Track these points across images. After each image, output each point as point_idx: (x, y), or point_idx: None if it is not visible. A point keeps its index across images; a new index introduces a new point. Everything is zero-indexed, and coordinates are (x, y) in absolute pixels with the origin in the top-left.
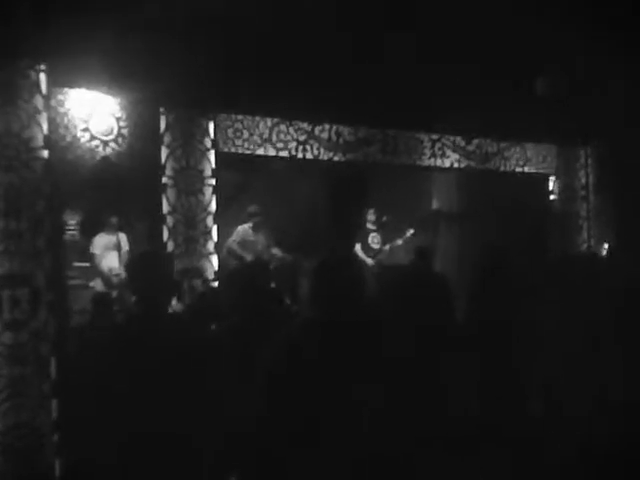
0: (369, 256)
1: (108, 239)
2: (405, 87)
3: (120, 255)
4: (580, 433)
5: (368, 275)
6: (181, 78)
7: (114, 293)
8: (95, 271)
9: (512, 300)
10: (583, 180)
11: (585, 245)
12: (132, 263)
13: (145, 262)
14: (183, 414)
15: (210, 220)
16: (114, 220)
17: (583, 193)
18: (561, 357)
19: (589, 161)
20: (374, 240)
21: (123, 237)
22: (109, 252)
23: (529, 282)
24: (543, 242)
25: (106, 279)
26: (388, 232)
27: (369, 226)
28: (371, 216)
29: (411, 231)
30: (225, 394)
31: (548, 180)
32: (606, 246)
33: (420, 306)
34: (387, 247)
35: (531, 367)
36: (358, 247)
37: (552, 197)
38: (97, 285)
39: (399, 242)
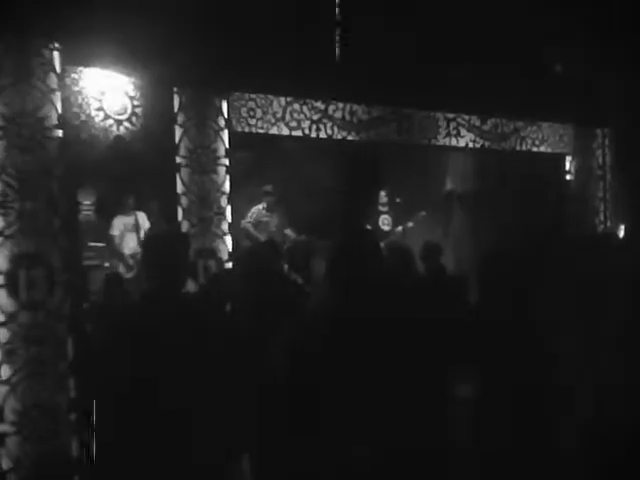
0: (379, 238)
1: (126, 220)
2: (420, 66)
3: (139, 236)
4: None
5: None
6: (194, 57)
7: (131, 274)
8: (114, 252)
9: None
10: (600, 160)
11: (601, 226)
12: (146, 243)
13: (160, 242)
14: (197, 394)
15: (224, 200)
16: (131, 201)
17: (600, 173)
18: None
19: (606, 141)
20: (384, 222)
21: (142, 216)
22: (128, 233)
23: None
24: (559, 222)
25: (125, 260)
26: (400, 213)
27: (380, 208)
28: (383, 198)
29: (422, 213)
30: (237, 375)
31: (564, 160)
32: (623, 227)
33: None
34: (399, 229)
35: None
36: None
37: (568, 177)
38: (115, 266)
39: (410, 224)
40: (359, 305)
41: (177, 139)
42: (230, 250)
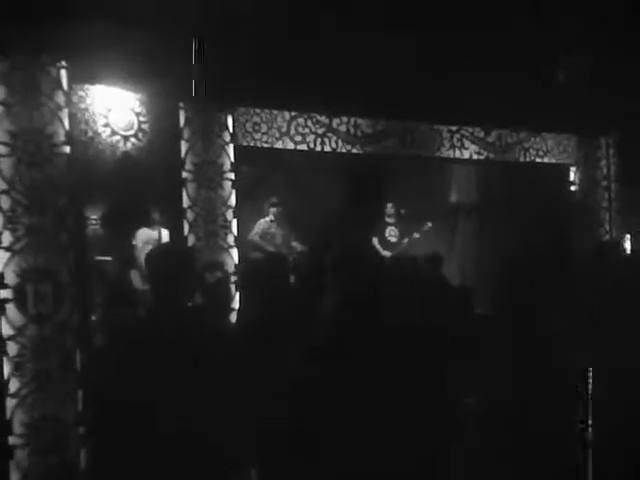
0: (386, 249)
1: (150, 234)
2: (423, 78)
3: None
4: None
5: (384, 268)
6: (200, 73)
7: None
8: (133, 262)
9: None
10: (605, 170)
11: (606, 236)
12: (149, 258)
13: (163, 257)
14: (202, 408)
15: (230, 214)
16: (157, 216)
17: (605, 183)
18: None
19: (610, 151)
20: (391, 233)
21: (165, 233)
22: (148, 246)
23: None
24: (564, 233)
25: (143, 271)
26: (406, 225)
27: (387, 219)
28: (389, 210)
29: (429, 225)
30: (241, 388)
31: (569, 170)
32: (628, 237)
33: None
34: (405, 240)
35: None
36: (375, 240)
37: (573, 188)
38: (134, 277)
39: (417, 236)
40: (362, 315)
41: (183, 154)
42: (237, 263)
